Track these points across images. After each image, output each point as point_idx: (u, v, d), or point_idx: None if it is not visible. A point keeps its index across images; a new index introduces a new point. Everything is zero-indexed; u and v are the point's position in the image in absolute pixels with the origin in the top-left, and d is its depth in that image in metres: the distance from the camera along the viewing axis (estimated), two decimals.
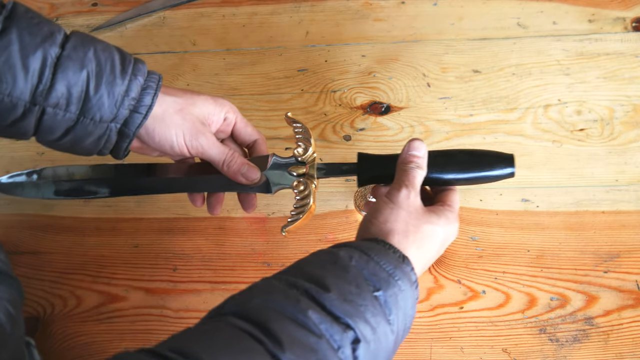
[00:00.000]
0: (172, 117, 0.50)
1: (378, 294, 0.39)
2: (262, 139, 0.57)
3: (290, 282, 0.39)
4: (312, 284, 0.38)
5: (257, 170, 0.53)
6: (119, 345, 0.61)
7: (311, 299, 0.37)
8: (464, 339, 0.58)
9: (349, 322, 0.37)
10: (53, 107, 0.45)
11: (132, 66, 0.48)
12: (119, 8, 0.83)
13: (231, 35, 0.79)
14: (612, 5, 0.74)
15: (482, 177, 0.50)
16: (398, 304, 0.40)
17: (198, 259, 0.65)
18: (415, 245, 0.45)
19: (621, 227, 0.62)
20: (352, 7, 0.79)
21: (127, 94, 0.47)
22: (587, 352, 0.56)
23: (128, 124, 0.48)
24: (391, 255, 0.42)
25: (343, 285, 0.38)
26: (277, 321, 0.35)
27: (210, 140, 0.51)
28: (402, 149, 0.49)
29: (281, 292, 0.37)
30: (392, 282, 0.40)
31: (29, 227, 0.68)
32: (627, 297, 0.58)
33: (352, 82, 0.73)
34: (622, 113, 0.68)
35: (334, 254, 0.41)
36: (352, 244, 0.43)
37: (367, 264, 0.40)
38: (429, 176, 0.50)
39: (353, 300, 0.38)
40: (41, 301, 0.64)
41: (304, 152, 0.54)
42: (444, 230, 0.47)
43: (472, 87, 0.71)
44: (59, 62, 0.44)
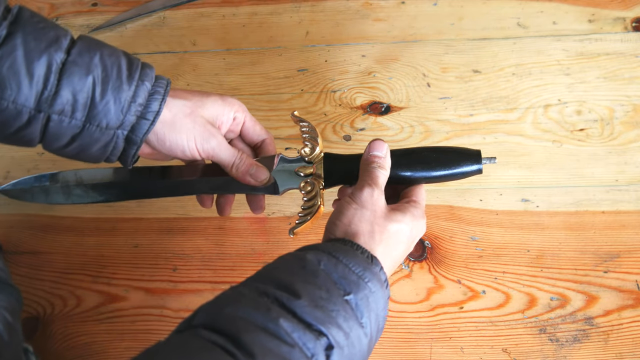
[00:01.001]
0: (183, 122, 0.49)
1: (349, 297, 0.38)
2: (271, 138, 0.57)
3: (260, 289, 0.38)
4: (282, 291, 0.37)
5: (266, 170, 0.53)
6: (119, 345, 0.61)
7: (282, 307, 0.36)
8: (464, 339, 0.58)
9: (321, 328, 0.36)
10: (58, 114, 0.44)
11: (139, 71, 0.47)
12: (119, 8, 0.83)
13: (231, 35, 0.79)
14: (612, 5, 0.74)
15: (449, 174, 0.50)
16: (369, 306, 0.39)
17: (198, 259, 0.65)
18: (382, 245, 0.44)
19: (621, 227, 0.62)
20: (352, 7, 0.79)
21: (134, 99, 0.46)
22: (587, 352, 0.56)
23: (135, 131, 0.48)
24: (359, 256, 0.42)
25: (313, 291, 0.38)
26: (248, 332, 0.34)
27: (221, 143, 0.51)
28: (365, 150, 0.50)
29: (251, 300, 0.37)
30: (362, 285, 0.40)
31: (29, 227, 0.68)
32: (627, 297, 0.58)
33: (352, 82, 0.73)
34: (622, 113, 0.68)
35: (302, 259, 0.40)
36: (320, 247, 0.42)
37: (335, 267, 0.40)
38: (396, 175, 0.50)
39: (324, 305, 0.37)
40: (41, 301, 0.64)
41: (310, 151, 0.53)
42: (410, 227, 0.47)
43: (472, 87, 0.71)
44: (64, 68, 0.43)
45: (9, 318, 0.48)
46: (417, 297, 0.60)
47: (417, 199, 0.49)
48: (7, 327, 0.47)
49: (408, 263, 0.62)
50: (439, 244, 0.62)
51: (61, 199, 0.58)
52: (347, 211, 0.46)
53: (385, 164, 0.49)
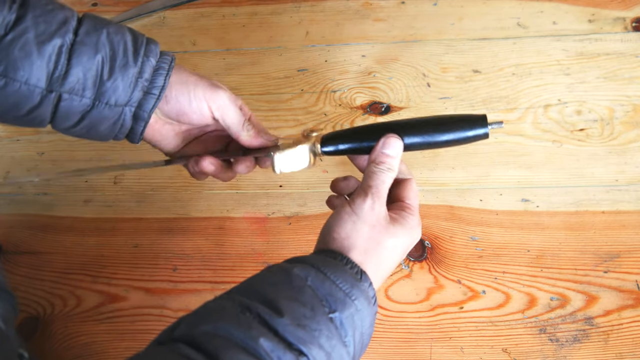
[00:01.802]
0: (189, 78, 0.49)
1: (333, 315, 0.38)
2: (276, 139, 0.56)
3: (244, 304, 0.37)
4: (266, 306, 0.37)
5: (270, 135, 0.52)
6: (119, 345, 0.61)
7: (264, 324, 0.36)
8: (464, 339, 0.58)
9: (302, 348, 0.35)
10: (69, 92, 0.45)
11: (144, 47, 0.48)
12: (119, 8, 0.83)
13: (231, 35, 0.79)
14: (612, 5, 0.74)
15: (457, 139, 0.48)
16: (354, 324, 0.39)
17: (198, 259, 0.65)
18: (375, 260, 0.43)
19: (621, 227, 0.62)
20: (352, 7, 0.79)
21: (140, 75, 0.47)
22: (587, 352, 0.56)
23: (142, 106, 0.48)
24: (348, 272, 0.41)
25: (297, 309, 0.37)
26: (227, 350, 0.34)
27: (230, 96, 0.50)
28: (376, 144, 0.46)
29: (233, 316, 0.36)
30: (348, 303, 0.39)
31: (29, 227, 0.68)
32: (627, 297, 0.58)
33: (352, 82, 0.73)
34: (622, 113, 0.68)
35: (289, 273, 0.40)
36: (309, 260, 0.41)
37: (322, 283, 0.39)
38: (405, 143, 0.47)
39: (307, 324, 0.36)
40: (41, 301, 0.64)
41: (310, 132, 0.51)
42: (405, 241, 0.45)
43: (472, 87, 0.71)
44: (73, 48, 0.44)
45: (2, 325, 0.48)
46: (417, 297, 0.60)
47: (411, 203, 0.47)
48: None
49: (408, 263, 0.62)
50: (439, 244, 0.62)
51: None
52: (345, 224, 0.44)
53: (395, 166, 0.46)
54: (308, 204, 0.66)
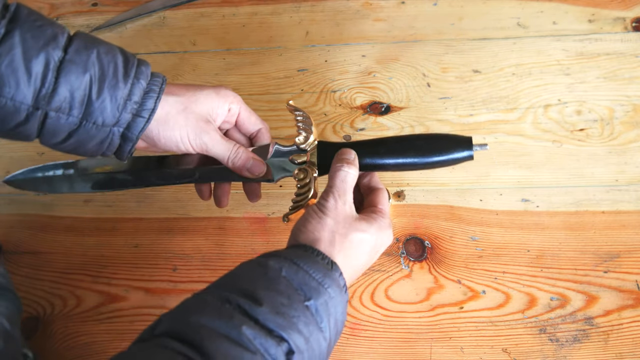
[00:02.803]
0: (176, 119, 0.50)
1: (309, 303, 0.40)
2: (266, 127, 0.58)
3: (223, 297, 0.38)
4: (245, 298, 0.38)
5: (262, 163, 0.54)
6: (119, 345, 0.61)
7: (244, 314, 0.37)
8: (464, 339, 0.58)
9: (282, 334, 0.37)
10: (56, 111, 0.45)
11: (135, 69, 0.47)
12: (119, 8, 0.83)
13: (231, 35, 0.79)
14: (612, 5, 0.74)
15: (441, 161, 0.51)
16: (329, 310, 0.41)
17: (198, 259, 0.65)
18: (342, 254, 0.45)
19: (621, 227, 0.62)
20: (352, 7, 0.79)
21: (129, 97, 0.47)
22: (587, 352, 0.56)
23: (131, 128, 0.48)
24: (320, 262, 0.43)
25: (275, 297, 0.39)
26: (211, 340, 0.35)
27: (215, 138, 0.51)
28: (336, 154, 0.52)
29: (214, 308, 0.37)
30: (321, 290, 0.41)
31: (29, 227, 0.68)
32: (627, 297, 0.58)
33: (352, 82, 0.73)
34: (622, 113, 0.68)
35: (264, 266, 0.41)
36: (281, 254, 0.43)
37: (296, 273, 0.41)
38: (388, 163, 0.51)
39: (285, 312, 0.38)
40: (41, 301, 0.64)
41: (304, 140, 0.54)
42: (375, 237, 0.47)
43: (472, 87, 0.71)
44: (62, 66, 0.44)
45: (7, 325, 0.48)
46: (417, 297, 0.60)
47: (383, 208, 0.50)
48: (4, 335, 0.47)
49: (408, 263, 0.62)
50: (439, 244, 0.62)
51: (65, 189, 0.59)
52: (311, 219, 0.47)
53: (352, 165, 0.50)
54: None
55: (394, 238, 0.63)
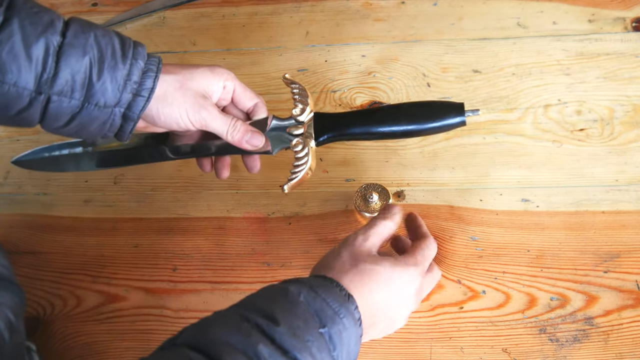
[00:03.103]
0: (174, 96, 0.50)
1: (323, 330, 0.40)
2: (262, 101, 0.58)
3: (243, 315, 0.40)
4: (263, 317, 0.39)
5: (261, 135, 0.54)
6: (119, 346, 0.61)
7: (262, 333, 0.38)
8: (464, 339, 0.58)
9: (296, 355, 0.38)
10: (58, 94, 0.45)
11: (132, 50, 0.48)
12: (119, 8, 0.83)
13: (231, 35, 0.79)
14: (612, 5, 0.74)
15: (435, 127, 0.52)
16: (342, 340, 0.41)
17: (198, 259, 0.65)
18: (354, 284, 0.45)
19: (621, 227, 0.62)
20: (352, 7, 0.79)
21: (129, 78, 0.47)
22: (587, 352, 0.56)
23: (132, 108, 0.49)
24: (337, 292, 0.43)
25: (292, 320, 0.40)
26: (229, 355, 0.36)
27: (213, 113, 0.52)
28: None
29: (234, 325, 0.39)
30: (337, 320, 0.41)
31: (29, 227, 0.68)
32: (627, 297, 0.58)
33: (352, 82, 0.73)
34: (622, 113, 0.68)
35: (284, 289, 0.43)
36: (302, 280, 0.44)
37: (314, 300, 0.42)
38: (384, 130, 0.53)
39: (300, 335, 0.39)
40: (41, 301, 0.64)
41: (301, 112, 0.55)
42: (389, 272, 0.47)
43: (472, 87, 0.71)
44: (61, 50, 0.45)
45: (11, 317, 0.48)
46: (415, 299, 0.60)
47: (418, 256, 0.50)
48: (9, 326, 0.47)
49: None
50: (439, 244, 0.62)
51: (72, 167, 0.60)
52: (330, 255, 0.49)
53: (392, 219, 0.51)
54: (308, 204, 0.66)
55: None
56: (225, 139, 0.53)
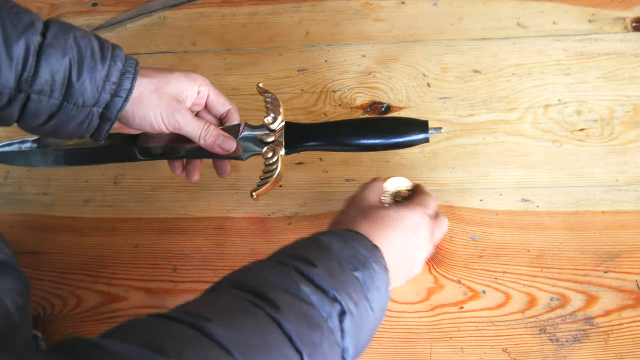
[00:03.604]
0: (149, 98, 0.51)
1: (357, 273, 0.42)
2: (235, 108, 0.59)
3: (280, 261, 0.41)
4: (300, 261, 0.41)
5: (232, 140, 0.55)
6: None
7: (301, 274, 0.40)
8: (464, 339, 0.58)
9: (335, 295, 0.39)
10: (37, 93, 0.46)
11: (110, 52, 0.49)
12: (119, 8, 0.83)
13: (231, 35, 0.79)
14: (612, 5, 0.74)
15: (399, 142, 0.55)
16: (374, 284, 0.43)
17: (198, 259, 0.65)
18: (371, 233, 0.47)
19: (621, 227, 0.62)
20: (352, 7, 0.79)
21: (107, 78, 0.48)
22: (587, 352, 0.56)
23: (110, 108, 0.49)
24: (365, 241, 0.45)
25: (327, 262, 0.41)
26: (273, 291, 0.38)
27: (186, 117, 0.53)
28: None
29: (273, 268, 0.40)
30: (367, 264, 0.43)
31: (29, 227, 0.68)
32: (627, 297, 0.58)
33: (352, 82, 0.73)
34: (622, 113, 0.68)
35: (315, 239, 0.44)
36: (331, 231, 0.46)
37: (345, 247, 0.44)
38: (352, 142, 0.55)
39: (337, 276, 0.41)
40: (41, 301, 0.64)
41: (273, 120, 0.56)
42: (399, 214, 0.49)
43: (472, 87, 0.71)
44: (41, 50, 0.45)
45: (20, 301, 0.50)
46: (417, 297, 0.60)
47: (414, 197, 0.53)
48: (19, 309, 0.49)
49: None
50: (439, 244, 0.62)
51: (40, 162, 0.61)
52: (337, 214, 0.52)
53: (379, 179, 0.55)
54: (308, 204, 0.66)
55: None
56: (197, 142, 0.54)
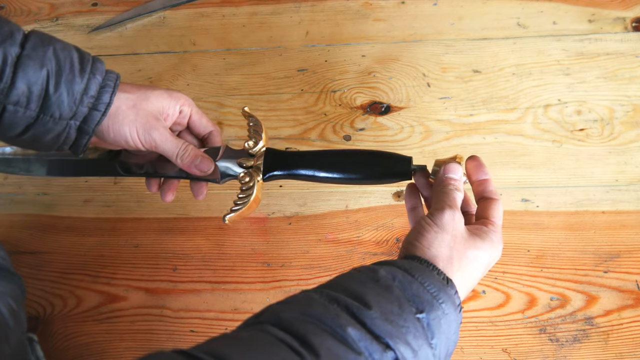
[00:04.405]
0: (126, 114, 0.50)
1: (421, 316, 0.38)
2: (217, 130, 0.58)
3: (331, 296, 0.38)
4: (353, 300, 0.37)
5: (211, 162, 0.54)
6: (119, 346, 0.61)
7: (351, 315, 0.36)
8: (464, 339, 0.58)
9: (389, 342, 0.35)
10: (14, 104, 0.46)
11: (90, 65, 0.48)
12: (119, 8, 0.83)
13: (231, 35, 0.79)
14: (612, 5, 0.74)
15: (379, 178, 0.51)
16: (441, 327, 0.38)
17: (198, 259, 0.65)
18: (460, 272, 0.43)
19: (621, 227, 0.62)
20: (352, 7, 0.79)
21: (86, 92, 0.48)
22: (587, 352, 0.56)
23: (87, 121, 0.49)
24: (435, 277, 0.41)
25: (385, 305, 0.37)
26: (316, 334, 0.34)
27: (163, 135, 0.52)
28: (440, 171, 0.48)
29: (321, 305, 0.37)
30: (435, 305, 0.39)
31: (29, 227, 0.68)
32: (627, 297, 0.58)
33: (352, 82, 0.73)
34: (622, 113, 0.68)
35: (376, 272, 0.40)
36: (395, 262, 0.42)
37: (410, 284, 0.39)
38: (327, 176, 0.52)
39: (394, 320, 0.36)
40: (41, 301, 0.64)
41: (254, 145, 0.55)
42: (489, 254, 0.45)
43: (472, 87, 0.71)
44: (19, 61, 0.45)
45: (14, 305, 0.49)
46: None
47: (495, 221, 0.47)
48: (12, 313, 0.48)
49: None
50: None
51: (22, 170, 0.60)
52: (427, 233, 0.44)
53: (460, 187, 0.47)
54: (308, 204, 0.66)
55: (394, 238, 0.63)
56: (174, 161, 0.53)
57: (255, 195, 0.54)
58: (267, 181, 0.55)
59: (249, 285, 0.63)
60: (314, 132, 0.70)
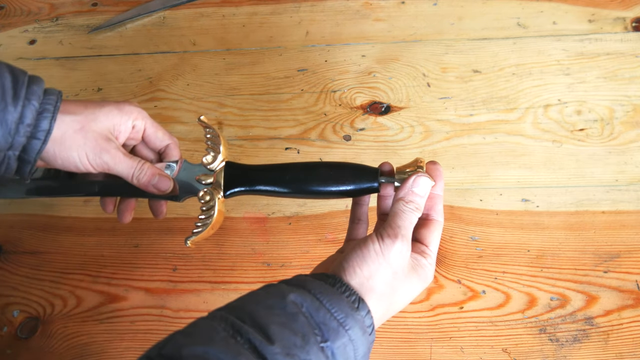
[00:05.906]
0: (73, 138, 0.47)
1: (325, 345, 0.37)
2: (175, 143, 0.56)
3: (236, 326, 0.36)
4: (257, 332, 0.36)
5: (169, 180, 0.52)
6: (119, 345, 0.61)
7: (253, 351, 0.35)
8: (464, 339, 0.58)
9: None
10: None
11: (25, 89, 0.45)
12: (119, 8, 0.83)
13: (231, 35, 0.79)
14: (612, 5, 0.74)
15: (346, 191, 0.49)
16: (347, 354, 0.37)
17: (198, 259, 0.65)
18: (386, 304, 0.42)
19: (621, 227, 0.62)
20: (352, 7, 0.79)
21: (21, 121, 0.44)
22: (587, 352, 0.56)
23: (27, 151, 0.46)
24: (345, 300, 0.39)
25: (288, 337, 0.36)
26: None
27: (116, 157, 0.49)
28: (405, 182, 0.44)
29: (222, 341, 0.35)
30: (341, 333, 0.37)
31: (29, 227, 0.68)
32: (627, 297, 0.58)
33: (352, 82, 0.73)
34: (622, 113, 0.68)
35: (284, 297, 0.39)
36: (308, 285, 0.40)
37: (317, 311, 0.38)
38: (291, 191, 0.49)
39: (296, 354, 0.35)
40: (41, 301, 0.64)
41: (212, 159, 0.52)
42: (420, 287, 0.44)
43: (472, 87, 0.71)
44: None
45: None
46: (417, 297, 0.60)
47: (433, 250, 0.45)
48: None
49: None
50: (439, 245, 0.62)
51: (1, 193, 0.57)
52: (372, 263, 0.41)
53: (422, 206, 0.44)
54: (308, 204, 0.66)
55: None
56: (131, 182, 0.51)
57: (217, 216, 0.50)
58: (229, 197, 0.52)
59: (249, 285, 0.63)
60: (314, 132, 0.70)
